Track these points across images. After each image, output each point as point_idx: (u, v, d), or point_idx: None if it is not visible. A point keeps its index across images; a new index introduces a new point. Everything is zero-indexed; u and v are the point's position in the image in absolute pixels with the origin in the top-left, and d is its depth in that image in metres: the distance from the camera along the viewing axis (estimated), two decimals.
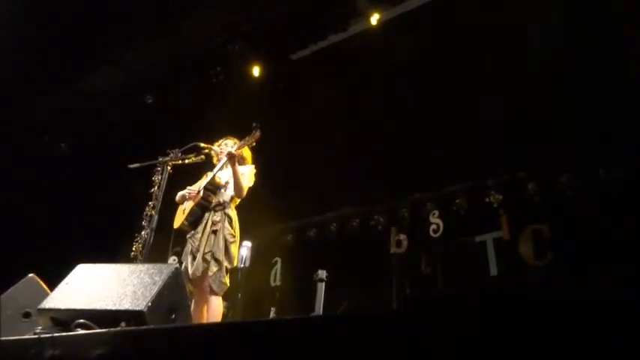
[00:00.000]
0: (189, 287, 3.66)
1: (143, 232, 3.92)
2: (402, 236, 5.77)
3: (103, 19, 6.67)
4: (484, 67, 5.68)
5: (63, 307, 2.62)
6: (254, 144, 4.05)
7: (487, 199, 5.44)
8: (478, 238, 5.43)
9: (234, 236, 3.91)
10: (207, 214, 3.93)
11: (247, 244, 5.81)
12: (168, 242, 5.76)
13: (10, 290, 3.29)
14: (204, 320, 3.73)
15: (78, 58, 7.23)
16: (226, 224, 3.89)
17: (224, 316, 4.41)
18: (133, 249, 3.96)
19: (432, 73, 6.08)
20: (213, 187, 4.01)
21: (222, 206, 3.96)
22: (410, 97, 6.22)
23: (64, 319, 2.56)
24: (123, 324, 2.38)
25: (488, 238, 5.36)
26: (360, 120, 6.52)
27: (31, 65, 7.09)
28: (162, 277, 2.60)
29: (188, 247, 3.91)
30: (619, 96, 4.84)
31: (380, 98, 6.49)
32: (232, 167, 3.92)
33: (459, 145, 5.69)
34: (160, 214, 3.87)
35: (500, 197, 5.37)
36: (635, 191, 4.49)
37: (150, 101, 8.03)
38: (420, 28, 6.33)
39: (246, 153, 4.19)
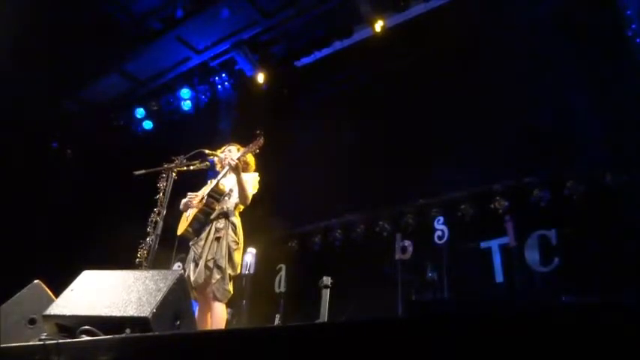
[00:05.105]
0: (193, 294, 3.66)
1: (148, 239, 3.91)
2: (407, 242, 5.75)
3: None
4: (489, 73, 5.68)
5: (68, 313, 2.62)
6: (257, 151, 4.05)
7: (492, 205, 5.42)
8: (483, 245, 5.40)
9: (238, 243, 3.89)
10: (210, 222, 3.92)
11: (252, 250, 5.80)
12: (172, 248, 5.76)
13: (15, 297, 3.29)
14: (208, 327, 3.71)
15: (85, 66, 7.32)
16: (230, 231, 3.86)
17: (228, 322, 4.39)
18: (138, 255, 3.95)
19: (437, 79, 6.08)
20: (217, 195, 3.99)
21: (226, 213, 3.93)
22: (414, 102, 6.21)
23: (69, 325, 2.56)
24: (128, 330, 2.38)
25: (494, 244, 5.33)
26: (365, 125, 6.51)
27: (40, 73, 7.15)
28: (167, 284, 2.60)
29: (191, 255, 3.89)
30: (625, 101, 4.82)
31: (384, 104, 6.49)
32: (237, 175, 3.91)
33: (463, 150, 5.68)
34: (165, 220, 3.87)
35: (506, 203, 5.35)
36: None
37: (155, 108, 8.17)
38: (423, 36, 6.33)
39: (251, 160, 4.18)
